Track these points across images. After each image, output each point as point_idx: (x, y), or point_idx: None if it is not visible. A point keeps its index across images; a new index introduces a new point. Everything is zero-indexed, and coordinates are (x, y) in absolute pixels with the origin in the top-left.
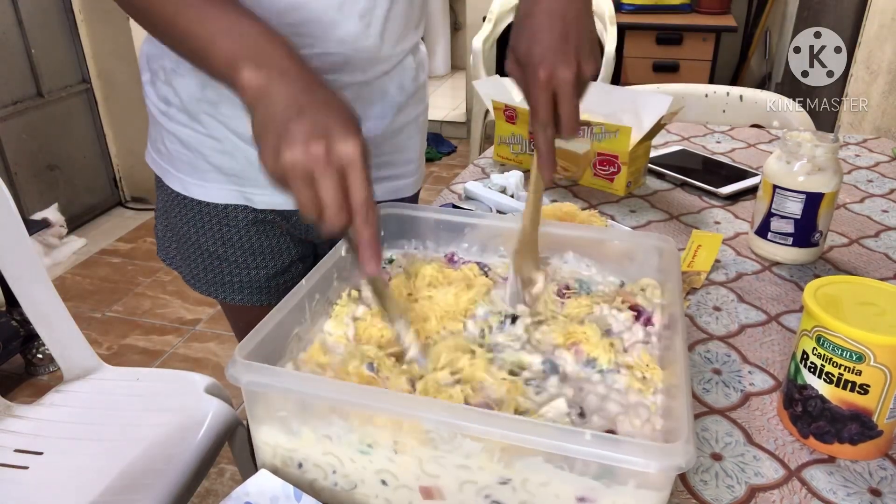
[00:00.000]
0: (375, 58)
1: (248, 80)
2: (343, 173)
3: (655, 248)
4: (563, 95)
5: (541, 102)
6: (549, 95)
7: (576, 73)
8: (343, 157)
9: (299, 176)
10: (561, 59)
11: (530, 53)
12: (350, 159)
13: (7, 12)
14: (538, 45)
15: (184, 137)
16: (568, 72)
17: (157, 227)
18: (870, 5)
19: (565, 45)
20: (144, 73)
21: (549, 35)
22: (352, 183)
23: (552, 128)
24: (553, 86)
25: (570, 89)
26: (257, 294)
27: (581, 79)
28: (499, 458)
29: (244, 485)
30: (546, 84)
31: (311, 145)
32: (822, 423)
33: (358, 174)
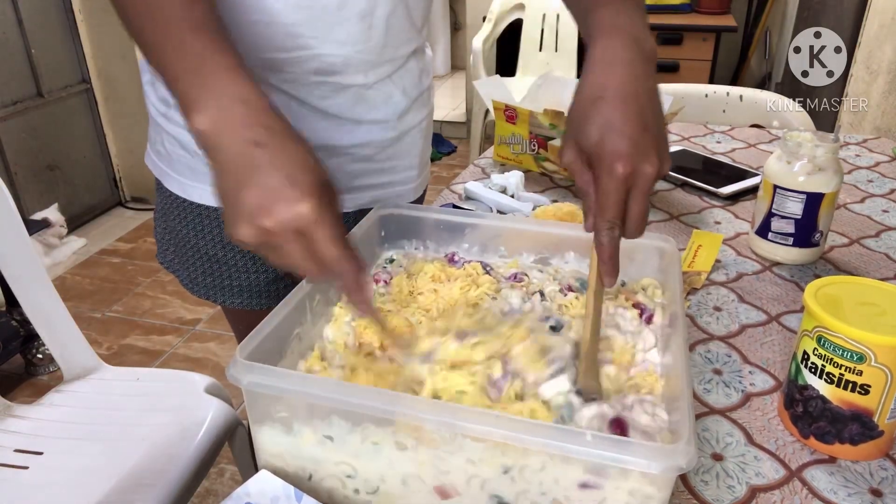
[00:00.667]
0: (377, 60)
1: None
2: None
3: (656, 248)
4: (639, 193)
5: (612, 200)
6: (624, 193)
7: (657, 171)
8: (297, 223)
9: (262, 247)
10: (643, 153)
11: (605, 144)
12: (305, 222)
13: (7, 12)
14: (615, 135)
15: (183, 139)
16: (651, 168)
17: (156, 231)
18: (870, 5)
19: (645, 138)
20: (144, 74)
21: (628, 125)
22: (315, 243)
23: (621, 228)
24: (630, 183)
25: (648, 188)
26: (257, 298)
27: (659, 178)
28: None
29: (245, 485)
30: (624, 181)
31: (262, 219)
32: (822, 423)
33: (318, 234)
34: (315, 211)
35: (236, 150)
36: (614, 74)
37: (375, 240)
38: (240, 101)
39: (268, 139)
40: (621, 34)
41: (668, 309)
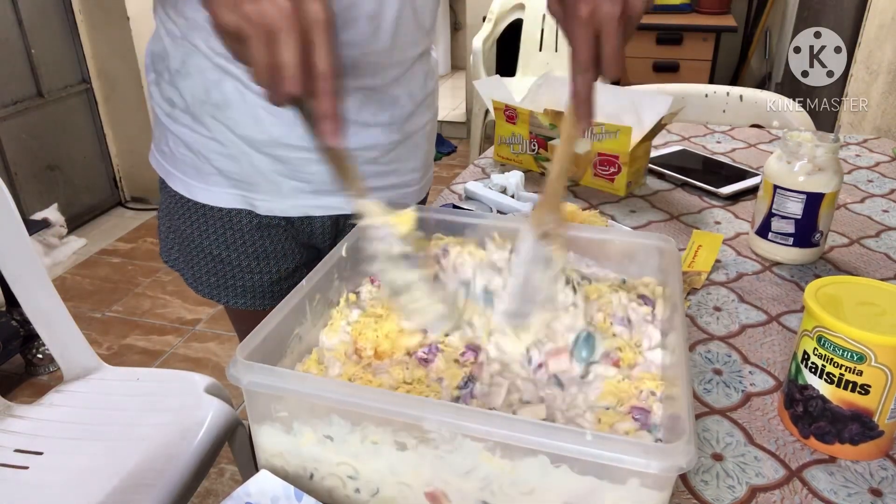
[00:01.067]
0: (386, 62)
1: None
2: (307, 35)
3: (656, 248)
4: (606, 33)
5: (581, 41)
6: (591, 33)
7: (622, 8)
8: (310, 17)
9: (258, 30)
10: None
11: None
12: (317, 19)
13: (7, 12)
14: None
15: (188, 140)
16: (613, 6)
17: (160, 229)
18: (870, 5)
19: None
20: (149, 74)
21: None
22: (316, 46)
23: (593, 70)
24: (596, 22)
25: (614, 25)
26: (260, 298)
27: (628, 14)
28: (501, 456)
29: (245, 485)
30: (588, 20)
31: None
32: (822, 423)
33: (323, 36)
34: (327, 13)
35: None
36: None
37: None
38: None
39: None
40: None
41: (669, 309)
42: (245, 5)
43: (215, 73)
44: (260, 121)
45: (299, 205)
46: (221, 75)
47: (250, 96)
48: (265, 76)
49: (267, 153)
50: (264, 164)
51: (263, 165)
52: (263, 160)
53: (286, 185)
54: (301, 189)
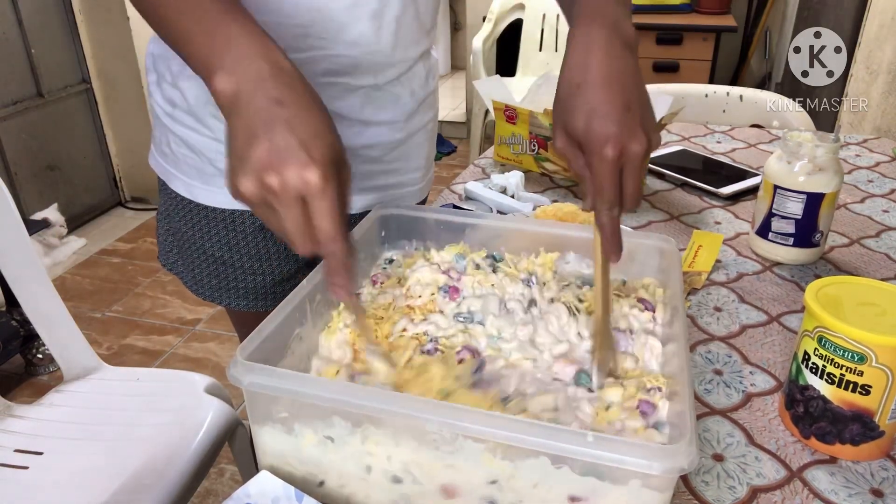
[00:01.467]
0: (388, 61)
1: (220, 86)
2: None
3: (656, 248)
4: (632, 170)
5: (608, 182)
6: (617, 173)
7: (646, 147)
8: (301, 188)
9: (258, 205)
10: (628, 132)
11: (591, 129)
12: (309, 189)
13: (7, 12)
14: (601, 120)
15: (190, 140)
16: (639, 147)
17: (158, 232)
18: (870, 5)
19: (630, 117)
20: (150, 75)
21: (610, 108)
22: (313, 213)
23: (619, 208)
24: (622, 163)
25: (639, 164)
26: (262, 300)
27: (649, 153)
28: (502, 457)
29: (245, 486)
30: (616, 162)
31: (267, 176)
32: (823, 423)
33: (318, 204)
34: (321, 180)
35: (256, 106)
36: (593, 58)
37: (375, 240)
38: (264, 60)
39: (290, 99)
40: (600, 19)
41: (669, 309)
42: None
43: None
44: None
45: None
46: None
47: None
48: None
49: None
50: None
51: None
52: None
53: None
54: None
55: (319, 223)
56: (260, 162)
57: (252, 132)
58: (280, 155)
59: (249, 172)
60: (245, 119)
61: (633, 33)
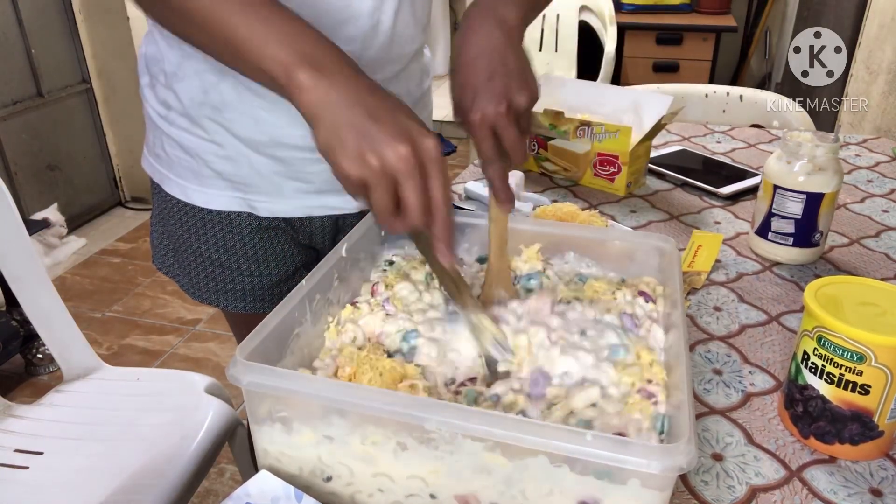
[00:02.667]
0: (385, 58)
1: (308, 86)
2: (424, 173)
3: (656, 248)
4: (501, 129)
5: (481, 142)
6: (488, 133)
7: (507, 107)
8: (426, 156)
9: (385, 179)
10: (489, 98)
11: (462, 101)
12: (433, 157)
13: (7, 12)
14: (466, 91)
15: (184, 142)
16: (499, 107)
17: (152, 235)
18: (870, 5)
19: (491, 84)
20: (143, 77)
21: (474, 79)
22: (433, 182)
23: (498, 162)
24: (489, 124)
25: (504, 122)
26: (260, 301)
27: (516, 110)
28: (501, 456)
29: (245, 485)
30: (480, 125)
31: (399, 146)
32: (822, 423)
33: (440, 173)
34: (438, 148)
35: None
36: (464, 41)
37: (375, 240)
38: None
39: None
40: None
41: (668, 309)
42: (370, 158)
43: (213, 75)
44: (259, 121)
45: (301, 205)
46: (219, 77)
47: (249, 97)
48: (388, 215)
49: (267, 154)
50: (264, 166)
51: (263, 167)
52: (263, 161)
53: (287, 186)
54: (302, 189)
55: (439, 191)
56: (389, 134)
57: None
58: (406, 128)
59: (378, 144)
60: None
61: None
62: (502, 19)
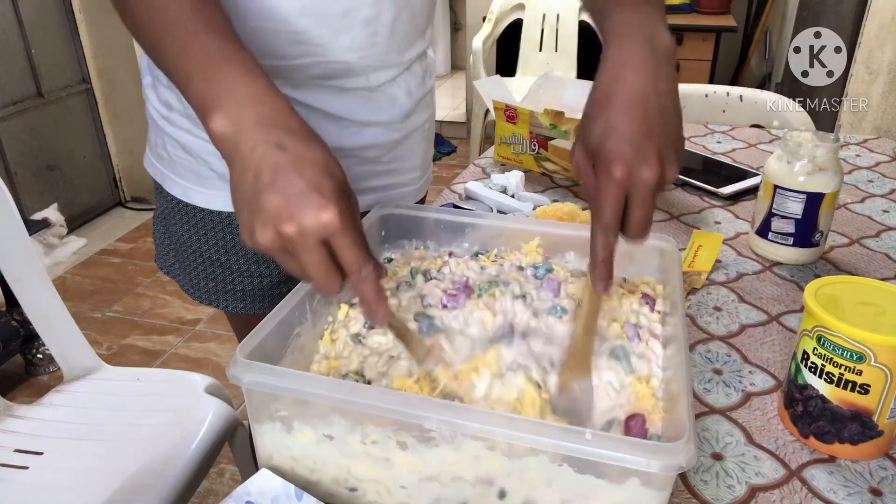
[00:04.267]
0: (382, 65)
1: (218, 129)
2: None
3: (656, 247)
4: (639, 197)
5: (609, 203)
6: (621, 196)
7: (658, 176)
8: (319, 229)
9: (279, 253)
10: (642, 156)
11: (605, 145)
12: (328, 229)
13: (7, 12)
14: (616, 137)
15: (186, 143)
16: (649, 173)
17: (155, 235)
18: (870, 5)
19: (648, 141)
20: (146, 77)
21: (629, 127)
22: (336, 251)
23: (616, 234)
24: (628, 187)
25: (648, 192)
26: (260, 302)
27: (662, 182)
28: (501, 454)
29: (245, 484)
30: (620, 183)
31: (284, 225)
32: (822, 422)
33: (341, 241)
34: (339, 218)
35: (258, 153)
36: (624, 76)
37: (375, 240)
38: (259, 102)
39: (289, 143)
40: (635, 34)
41: (668, 309)
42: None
43: None
44: None
45: None
46: None
47: None
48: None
49: None
50: None
51: None
52: None
53: None
54: None
55: (346, 258)
56: (273, 212)
57: (258, 182)
58: (293, 202)
59: (264, 224)
60: (247, 167)
61: (669, 47)
62: (662, 50)
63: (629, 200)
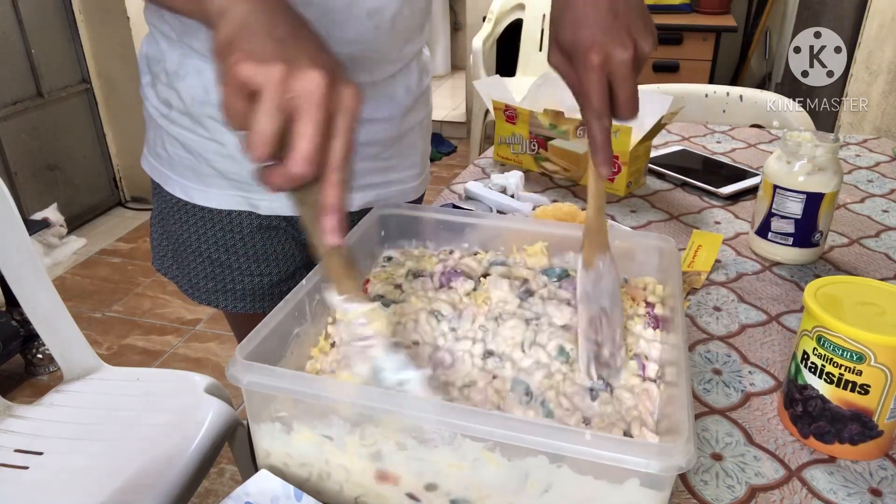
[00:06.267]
0: (384, 58)
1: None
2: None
3: (656, 247)
4: (620, 78)
5: (595, 89)
6: (604, 81)
7: (633, 52)
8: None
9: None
10: (614, 38)
11: (577, 38)
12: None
13: (7, 12)
14: (586, 28)
15: (186, 141)
16: (624, 52)
17: (152, 236)
18: (870, 5)
19: (616, 23)
20: (144, 76)
21: (595, 14)
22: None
23: (609, 117)
24: (608, 69)
25: (627, 70)
26: (260, 301)
27: (639, 57)
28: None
29: (245, 485)
30: (600, 68)
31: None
32: (822, 423)
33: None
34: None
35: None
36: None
37: (375, 239)
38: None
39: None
40: None
41: (668, 309)
42: (273, 65)
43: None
44: None
45: None
46: None
47: None
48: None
49: None
50: None
51: None
52: None
53: None
54: None
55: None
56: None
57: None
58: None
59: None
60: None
61: None
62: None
63: (612, 83)
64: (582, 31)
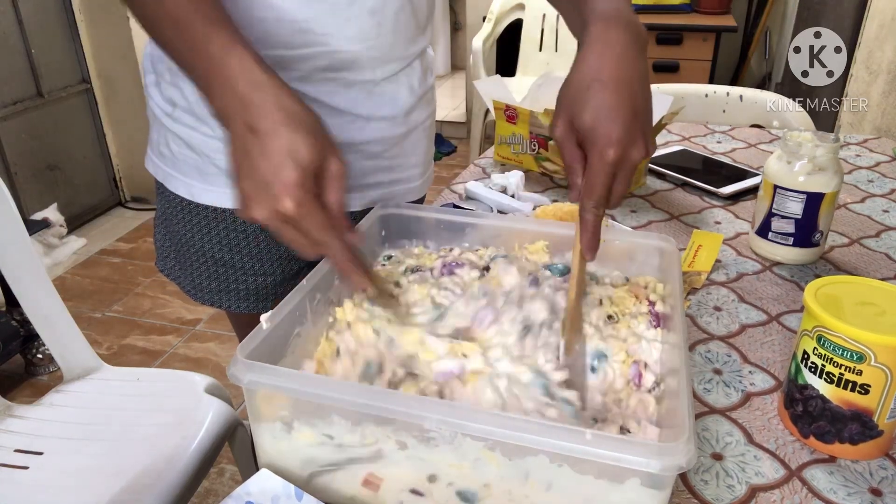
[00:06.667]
0: (386, 57)
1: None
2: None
3: (656, 247)
4: (624, 175)
5: (602, 182)
6: (613, 176)
7: (644, 156)
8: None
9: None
10: (632, 138)
11: (598, 128)
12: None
13: (7, 12)
14: (610, 122)
15: (190, 140)
16: (638, 154)
17: (156, 237)
18: (870, 5)
19: (635, 122)
20: (148, 75)
21: (619, 110)
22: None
23: (605, 206)
24: (618, 167)
25: (633, 169)
26: (263, 301)
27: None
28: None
29: (245, 484)
30: (614, 165)
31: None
32: (822, 422)
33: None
34: (295, 206)
35: (237, 136)
36: (610, 58)
37: (376, 239)
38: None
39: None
40: (615, 19)
41: (668, 309)
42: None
43: None
44: None
45: None
46: None
47: None
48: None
49: None
50: None
51: None
52: None
53: None
54: None
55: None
56: (244, 197)
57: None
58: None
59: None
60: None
61: (644, 32)
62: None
63: (615, 177)
64: (606, 123)
